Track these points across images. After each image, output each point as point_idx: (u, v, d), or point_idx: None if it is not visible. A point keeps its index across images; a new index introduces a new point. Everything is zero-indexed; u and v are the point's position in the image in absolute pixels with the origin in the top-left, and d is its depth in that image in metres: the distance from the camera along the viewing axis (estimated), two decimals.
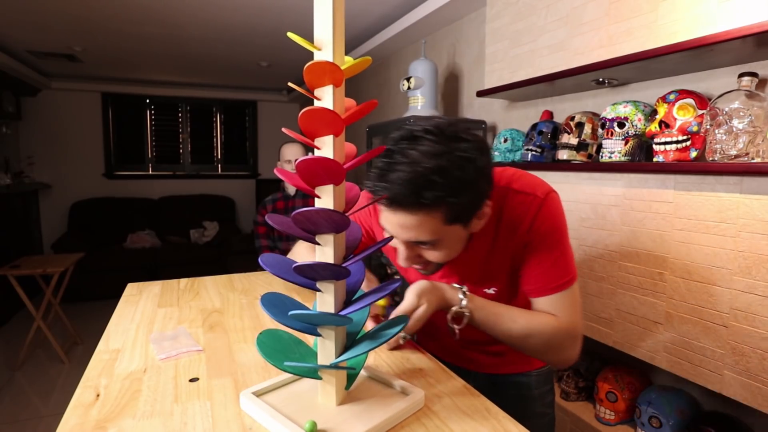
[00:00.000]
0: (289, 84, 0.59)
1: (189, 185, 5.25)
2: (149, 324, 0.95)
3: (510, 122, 2.16)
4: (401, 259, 0.75)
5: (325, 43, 0.52)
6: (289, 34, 0.55)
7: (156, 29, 2.97)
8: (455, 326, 0.75)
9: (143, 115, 5.06)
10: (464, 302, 0.74)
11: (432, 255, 0.74)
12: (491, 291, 0.86)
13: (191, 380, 0.70)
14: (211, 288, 1.23)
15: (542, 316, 0.78)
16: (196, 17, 2.74)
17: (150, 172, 5.15)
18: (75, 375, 2.64)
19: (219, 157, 5.45)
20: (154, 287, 1.22)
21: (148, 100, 5.05)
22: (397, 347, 0.85)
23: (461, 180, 0.64)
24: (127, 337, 0.88)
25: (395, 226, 0.69)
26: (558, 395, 1.64)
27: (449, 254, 0.75)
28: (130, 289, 1.20)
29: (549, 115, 1.76)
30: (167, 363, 0.77)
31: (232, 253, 4.38)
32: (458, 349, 0.98)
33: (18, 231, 4.03)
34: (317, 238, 0.56)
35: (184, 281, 1.28)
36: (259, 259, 0.59)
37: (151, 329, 0.92)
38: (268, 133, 5.56)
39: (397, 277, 2.56)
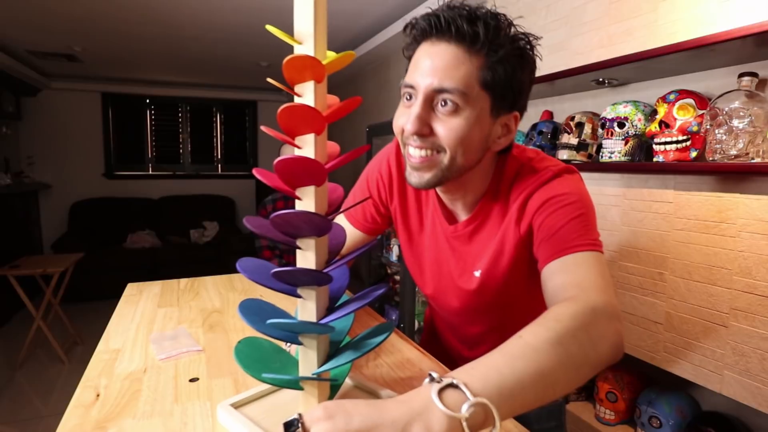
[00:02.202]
0: (269, 80, 0.55)
1: (189, 185, 5.25)
2: (149, 324, 0.95)
3: None
4: (411, 117, 0.65)
5: (305, 37, 0.49)
6: (268, 27, 0.52)
7: (156, 29, 2.97)
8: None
9: (143, 115, 5.06)
10: (471, 399, 0.41)
11: (445, 126, 0.64)
12: (477, 274, 0.78)
13: (191, 380, 0.70)
14: (211, 288, 1.22)
15: (553, 309, 0.53)
16: (196, 17, 2.74)
17: (150, 172, 5.15)
18: (75, 375, 2.64)
19: (219, 157, 5.45)
20: (154, 287, 1.22)
21: (148, 100, 5.04)
22: None
23: (511, 40, 0.65)
24: (127, 337, 0.88)
25: (428, 63, 0.64)
26: None
27: (461, 138, 0.64)
28: (130, 289, 1.20)
29: (549, 115, 1.76)
30: (167, 363, 0.77)
31: (232, 253, 4.38)
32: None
33: (18, 231, 4.02)
34: (298, 242, 0.53)
35: (184, 281, 1.28)
36: (237, 264, 0.55)
37: (151, 329, 0.92)
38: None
39: (397, 277, 2.54)
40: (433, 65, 0.64)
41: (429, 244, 0.85)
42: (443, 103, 0.64)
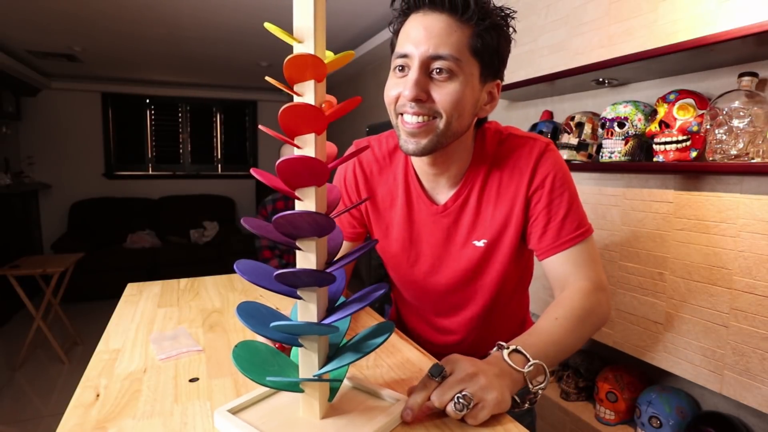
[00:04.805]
0: (267, 78, 0.54)
1: (189, 185, 5.25)
2: (149, 324, 0.95)
3: (510, 122, 2.16)
4: (409, 84, 0.68)
5: (306, 35, 0.49)
6: (267, 25, 0.51)
7: (156, 29, 2.97)
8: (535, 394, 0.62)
9: (143, 115, 5.07)
10: (531, 360, 0.61)
11: (441, 91, 0.69)
12: (481, 243, 0.81)
13: (191, 380, 0.70)
14: (211, 288, 1.22)
15: (570, 295, 0.72)
16: (196, 17, 2.74)
17: (150, 172, 5.16)
18: (75, 375, 2.64)
19: (219, 157, 5.46)
20: (154, 287, 1.22)
21: (148, 100, 5.05)
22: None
23: (495, 11, 0.70)
24: (127, 337, 0.88)
25: (421, 32, 0.68)
26: (558, 395, 1.64)
27: (456, 102, 0.69)
28: (130, 289, 1.20)
29: (549, 115, 1.76)
30: (167, 363, 0.77)
31: (232, 253, 4.38)
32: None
33: (18, 231, 4.03)
34: (298, 243, 0.53)
35: (184, 281, 1.28)
36: (235, 266, 0.55)
37: (151, 329, 0.92)
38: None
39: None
40: (427, 34, 0.68)
41: (414, 230, 0.87)
42: (438, 71, 0.68)
